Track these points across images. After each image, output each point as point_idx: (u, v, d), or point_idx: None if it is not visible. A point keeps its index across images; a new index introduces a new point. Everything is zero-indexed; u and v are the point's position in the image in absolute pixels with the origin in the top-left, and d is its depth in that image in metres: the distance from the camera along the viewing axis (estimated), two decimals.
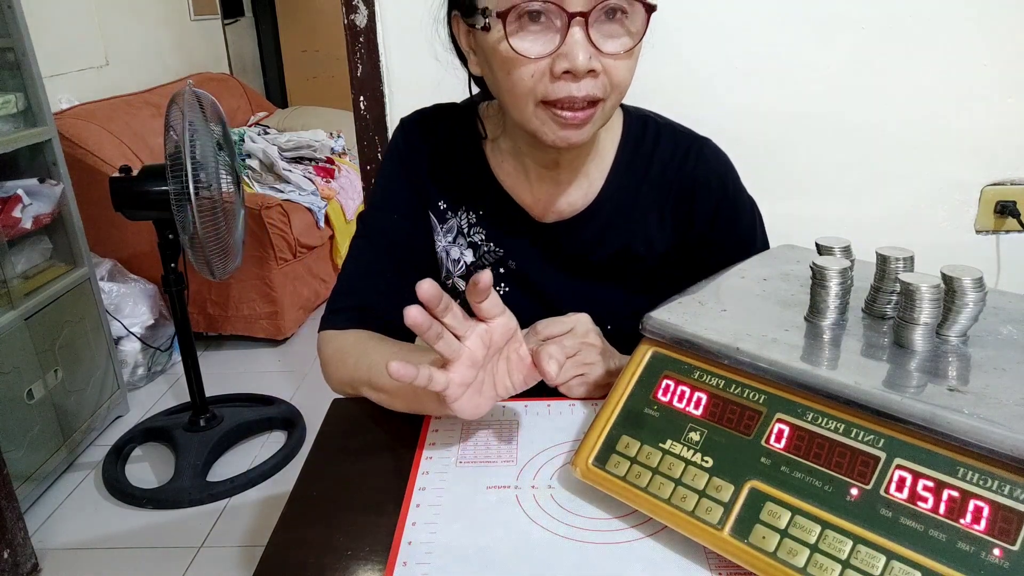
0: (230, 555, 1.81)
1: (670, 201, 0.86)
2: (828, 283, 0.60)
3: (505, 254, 0.88)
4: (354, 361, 0.81)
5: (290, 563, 0.58)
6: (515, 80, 0.69)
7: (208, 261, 1.89)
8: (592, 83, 0.68)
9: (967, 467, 0.47)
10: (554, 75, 0.68)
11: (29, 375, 1.95)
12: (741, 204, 0.88)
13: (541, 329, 0.76)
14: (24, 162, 2.09)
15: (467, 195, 0.88)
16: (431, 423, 0.75)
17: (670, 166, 0.85)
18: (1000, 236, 1.31)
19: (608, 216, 0.86)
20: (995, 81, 1.21)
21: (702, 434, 0.58)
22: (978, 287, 0.55)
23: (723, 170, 0.86)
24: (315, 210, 3.02)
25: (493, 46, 0.70)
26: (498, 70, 0.71)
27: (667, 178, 0.85)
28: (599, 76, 0.69)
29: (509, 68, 0.69)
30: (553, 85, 0.68)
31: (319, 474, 0.69)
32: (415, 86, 1.24)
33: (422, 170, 0.88)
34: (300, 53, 5.06)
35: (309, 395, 2.49)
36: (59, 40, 2.78)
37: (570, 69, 0.67)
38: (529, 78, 0.69)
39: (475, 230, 0.88)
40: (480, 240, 0.88)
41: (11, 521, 1.68)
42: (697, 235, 0.86)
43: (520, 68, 0.68)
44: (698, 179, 0.85)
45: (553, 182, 0.85)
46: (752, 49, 1.21)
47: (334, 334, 0.86)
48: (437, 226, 0.89)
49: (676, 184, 0.85)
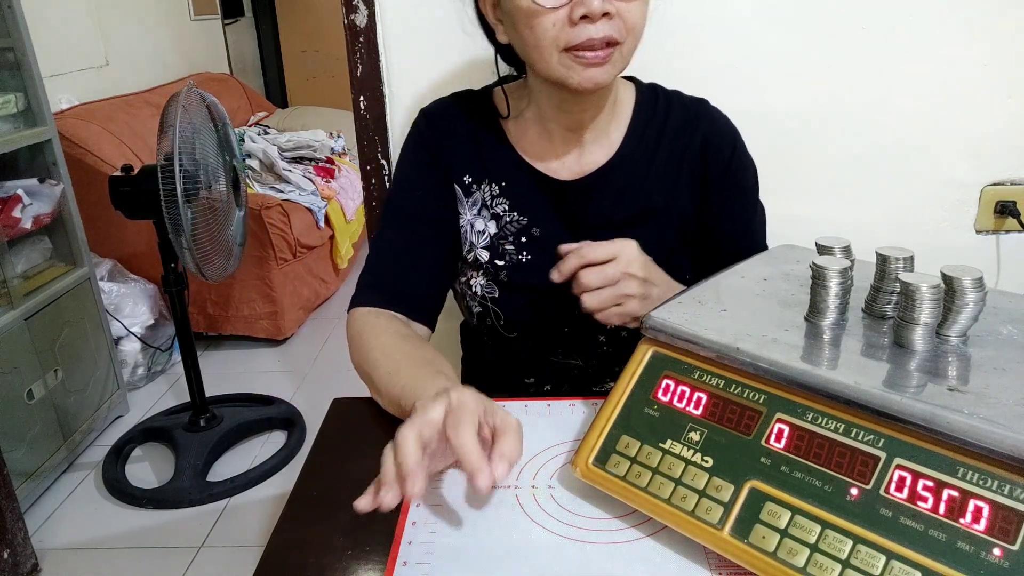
0: (230, 555, 1.81)
1: (686, 159, 0.91)
2: (828, 283, 0.60)
3: (529, 222, 0.91)
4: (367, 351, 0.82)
5: (290, 563, 0.58)
6: (539, 32, 0.76)
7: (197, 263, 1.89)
8: (608, 24, 0.74)
9: (967, 467, 0.47)
10: (572, 21, 0.74)
11: (29, 375, 1.95)
12: (745, 159, 0.94)
13: (586, 252, 0.77)
14: (24, 162, 2.09)
15: (490, 169, 0.92)
16: None
17: (683, 129, 0.91)
18: (1000, 236, 1.31)
19: (628, 173, 0.90)
20: (995, 81, 1.21)
21: (702, 434, 0.58)
22: (978, 287, 0.55)
23: (730, 127, 0.94)
24: (315, 210, 3.02)
25: (516, 4, 0.76)
26: (522, 27, 0.77)
27: (680, 140, 0.91)
28: (614, 18, 0.75)
29: (532, 22, 0.75)
30: (573, 30, 0.74)
31: (319, 474, 0.69)
32: (415, 86, 1.24)
33: (446, 149, 0.93)
34: (300, 53, 5.06)
35: (309, 395, 2.49)
36: (59, 40, 2.78)
37: (587, 13, 0.73)
38: (551, 27, 0.75)
39: (498, 201, 0.92)
40: (503, 211, 0.92)
41: (11, 521, 1.68)
42: (710, 193, 0.92)
43: (542, 18, 0.75)
44: (708, 137, 0.91)
45: (577, 143, 0.90)
46: (752, 49, 1.21)
47: (362, 312, 0.89)
48: (463, 199, 0.93)
49: (690, 144, 0.91)
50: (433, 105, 0.96)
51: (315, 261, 3.05)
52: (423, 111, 0.95)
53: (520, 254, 0.91)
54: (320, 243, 3.06)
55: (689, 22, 1.20)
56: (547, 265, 0.89)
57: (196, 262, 1.88)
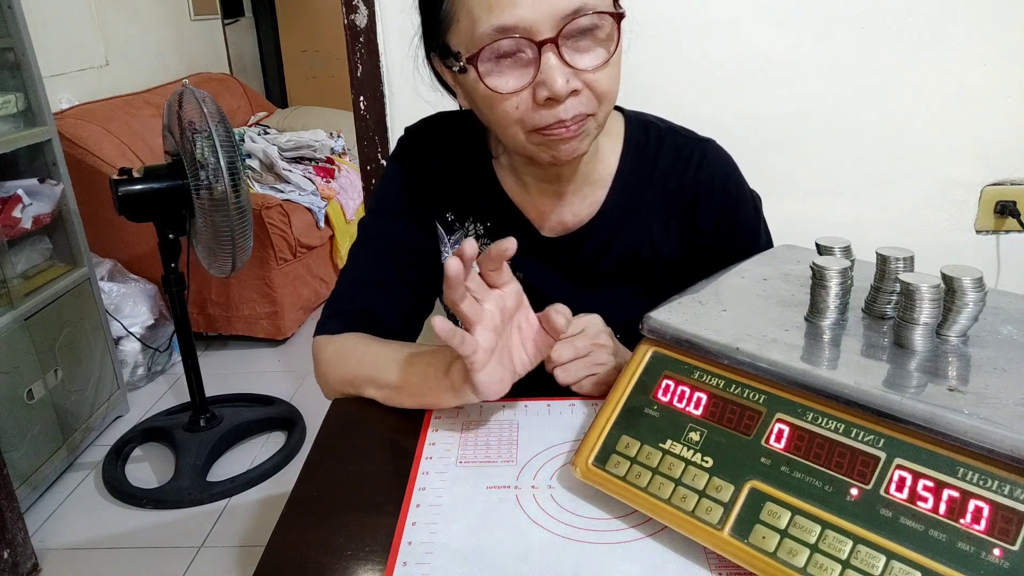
0: (230, 555, 1.81)
1: (675, 207, 0.85)
2: (828, 283, 0.60)
3: (513, 266, 0.87)
4: (356, 360, 0.80)
5: (290, 563, 0.58)
6: (500, 115, 0.70)
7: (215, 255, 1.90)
8: (577, 102, 0.69)
9: (967, 467, 0.47)
10: (537, 103, 0.68)
11: (29, 375, 1.95)
12: (745, 205, 0.87)
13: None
14: (24, 162, 2.09)
15: (474, 207, 0.87)
16: (431, 423, 0.75)
17: (673, 172, 0.84)
18: (1000, 236, 1.31)
19: (614, 224, 0.85)
20: (995, 81, 1.21)
21: (702, 434, 0.58)
22: (978, 287, 0.55)
23: (726, 172, 0.86)
24: (315, 210, 3.02)
25: (472, 86, 0.71)
26: (483, 107, 0.72)
27: (670, 185, 0.85)
28: (582, 92, 0.69)
29: (492, 105, 0.70)
30: (539, 113, 0.69)
31: (319, 474, 0.69)
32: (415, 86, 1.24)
33: (428, 180, 0.88)
34: (300, 53, 5.06)
35: (309, 395, 2.49)
36: (59, 40, 2.78)
37: (551, 96, 0.67)
38: (514, 110, 0.69)
39: (483, 242, 0.87)
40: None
41: (11, 521, 1.68)
42: (702, 238, 0.86)
43: (503, 104, 0.69)
44: (701, 184, 0.84)
45: (556, 195, 0.85)
46: (752, 49, 1.21)
47: (330, 338, 0.85)
48: (444, 237, 0.89)
49: (680, 190, 0.85)
50: (420, 125, 0.90)
51: (315, 261, 3.05)
52: (407, 130, 0.90)
53: None
54: (320, 243, 3.06)
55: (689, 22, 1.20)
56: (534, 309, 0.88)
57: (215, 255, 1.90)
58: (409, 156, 0.88)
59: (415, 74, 0.82)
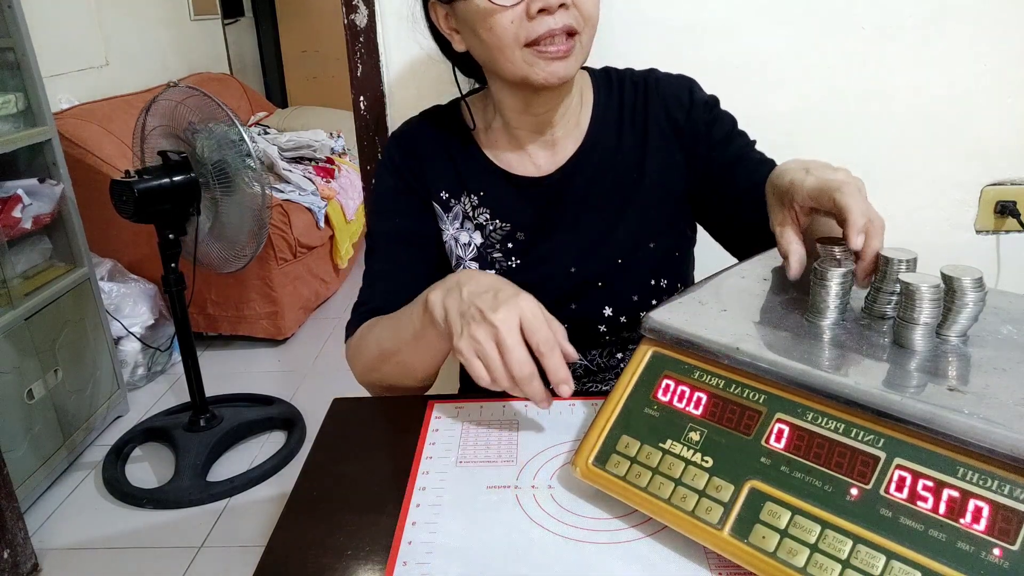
0: (230, 555, 1.81)
1: (652, 128, 0.91)
2: (828, 283, 0.60)
3: (512, 228, 0.92)
4: (366, 343, 0.85)
5: (290, 563, 0.58)
6: (498, 31, 0.76)
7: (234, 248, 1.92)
8: (566, 14, 0.76)
9: (967, 467, 0.47)
10: (530, 15, 0.75)
11: (29, 375, 1.95)
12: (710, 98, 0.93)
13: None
14: (24, 162, 2.09)
15: (466, 180, 0.92)
16: (431, 423, 0.75)
17: (640, 101, 0.92)
18: (1000, 236, 1.31)
19: (599, 158, 0.91)
20: (995, 81, 1.21)
21: (702, 434, 0.58)
22: (978, 287, 0.55)
23: (680, 78, 0.94)
24: (315, 210, 3.02)
25: (473, 8, 0.77)
26: (481, 29, 0.78)
27: (641, 112, 0.91)
28: (570, 8, 0.76)
29: (490, 22, 0.76)
30: (532, 24, 0.76)
31: (319, 474, 0.69)
32: (415, 86, 1.24)
33: (419, 170, 0.93)
34: (300, 53, 5.06)
35: (309, 395, 2.49)
36: (59, 40, 2.78)
37: (544, 7, 0.74)
38: (510, 24, 0.76)
39: (479, 211, 0.92)
40: (486, 220, 0.92)
41: (11, 521, 1.68)
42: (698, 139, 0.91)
43: (499, 16, 0.76)
44: (667, 97, 0.91)
45: (550, 144, 0.91)
46: (752, 49, 1.21)
47: (350, 340, 0.90)
48: (443, 215, 0.93)
49: (652, 113, 0.91)
50: (401, 128, 0.96)
51: (315, 261, 3.05)
52: (393, 135, 0.96)
53: (508, 260, 0.92)
54: (320, 243, 3.06)
55: (689, 22, 1.20)
56: (535, 268, 0.91)
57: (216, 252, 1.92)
58: (397, 155, 0.94)
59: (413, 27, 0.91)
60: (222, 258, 2.02)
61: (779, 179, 0.72)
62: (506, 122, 0.90)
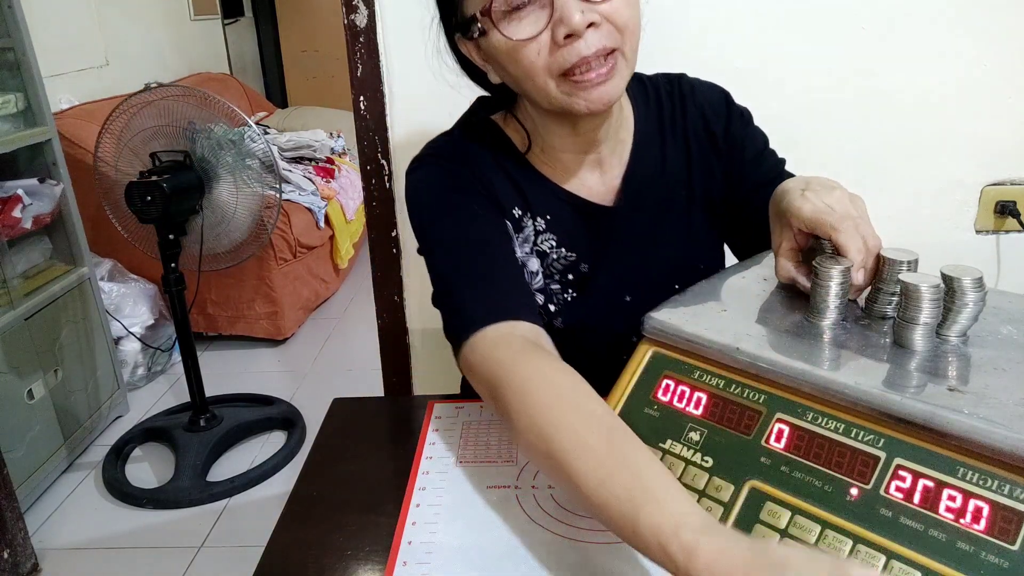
0: (230, 555, 1.81)
1: (691, 139, 0.86)
2: (828, 283, 0.60)
3: (577, 258, 0.83)
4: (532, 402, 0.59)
5: (290, 563, 0.58)
6: (526, 65, 0.69)
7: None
8: (597, 34, 0.67)
9: (967, 467, 0.47)
10: (558, 44, 0.67)
11: (29, 375, 1.95)
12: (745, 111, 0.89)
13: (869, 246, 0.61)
14: (24, 162, 2.09)
15: (532, 203, 0.82)
16: (431, 423, 0.75)
17: (676, 108, 0.86)
18: (1000, 236, 1.31)
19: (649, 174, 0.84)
20: (995, 81, 1.21)
21: (702, 434, 0.58)
22: (978, 287, 0.55)
23: (719, 89, 0.89)
24: (315, 210, 3.02)
25: (495, 45, 0.70)
26: (508, 64, 0.71)
27: (680, 122, 0.86)
28: (601, 25, 0.67)
29: (516, 57, 0.69)
30: (561, 52, 0.67)
31: (319, 474, 0.69)
32: (415, 86, 1.24)
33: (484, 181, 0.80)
34: (300, 53, 5.06)
35: (309, 395, 2.49)
36: (59, 40, 2.78)
37: (570, 32, 0.66)
38: (536, 56, 0.68)
39: (543, 237, 0.83)
40: (550, 247, 0.82)
41: (11, 521, 1.68)
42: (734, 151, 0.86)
43: (525, 51, 0.68)
44: (704, 107, 0.86)
45: (596, 164, 0.83)
46: (752, 49, 1.21)
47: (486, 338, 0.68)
48: (514, 235, 0.82)
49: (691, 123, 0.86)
50: (438, 143, 0.83)
51: (315, 261, 3.05)
52: (431, 153, 0.82)
53: (566, 292, 0.83)
54: (320, 243, 3.06)
55: (689, 22, 1.20)
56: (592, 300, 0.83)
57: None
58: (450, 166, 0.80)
59: (438, 59, 0.80)
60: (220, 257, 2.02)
61: (778, 201, 0.69)
62: (546, 145, 0.82)
